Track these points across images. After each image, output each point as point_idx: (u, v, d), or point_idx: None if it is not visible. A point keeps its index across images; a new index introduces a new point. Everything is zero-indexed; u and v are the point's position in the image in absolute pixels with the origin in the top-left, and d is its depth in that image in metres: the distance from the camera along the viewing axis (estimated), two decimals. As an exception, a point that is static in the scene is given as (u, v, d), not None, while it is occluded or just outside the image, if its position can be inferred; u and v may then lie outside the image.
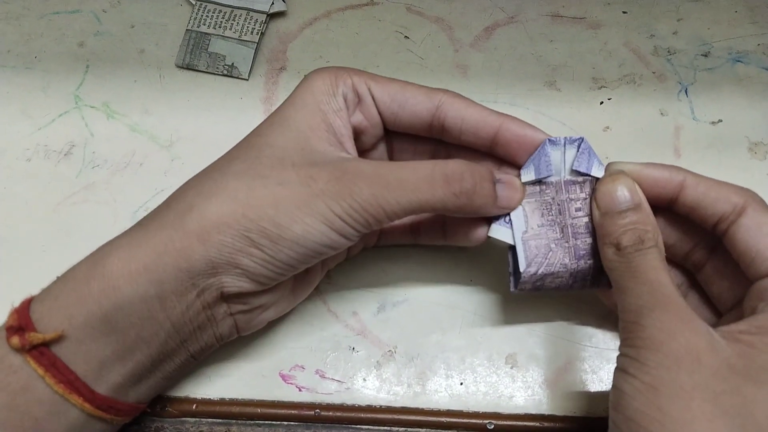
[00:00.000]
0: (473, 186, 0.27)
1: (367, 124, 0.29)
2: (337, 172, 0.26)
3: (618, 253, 0.26)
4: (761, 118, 0.38)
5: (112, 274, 0.25)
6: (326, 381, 0.32)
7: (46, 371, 0.24)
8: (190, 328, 0.27)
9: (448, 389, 0.31)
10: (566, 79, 0.39)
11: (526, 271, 0.29)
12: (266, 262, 0.26)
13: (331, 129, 0.28)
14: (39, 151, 0.38)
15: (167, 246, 0.25)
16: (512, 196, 0.29)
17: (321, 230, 0.26)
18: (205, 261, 0.25)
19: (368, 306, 0.33)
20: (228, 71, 0.39)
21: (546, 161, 0.28)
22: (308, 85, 0.28)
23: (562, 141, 0.28)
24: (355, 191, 0.25)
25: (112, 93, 0.39)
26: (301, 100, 0.28)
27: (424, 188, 0.26)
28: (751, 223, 0.26)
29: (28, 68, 0.40)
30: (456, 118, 0.29)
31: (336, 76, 0.28)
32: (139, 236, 0.26)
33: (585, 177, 0.29)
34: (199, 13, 0.40)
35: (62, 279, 0.27)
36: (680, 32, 0.41)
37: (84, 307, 0.25)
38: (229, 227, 0.25)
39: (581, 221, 0.28)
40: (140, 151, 0.37)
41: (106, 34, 0.41)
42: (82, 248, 0.34)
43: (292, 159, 0.26)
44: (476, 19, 0.41)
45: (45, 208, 0.36)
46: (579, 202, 0.28)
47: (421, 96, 0.29)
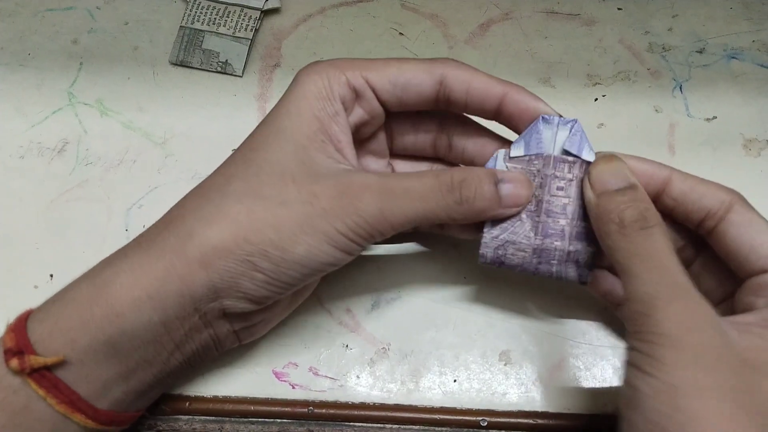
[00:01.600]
0: (473, 192, 0.26)
1: (367, 117, 0.28)
2: (340, 188, 0.25)
3: (622, 231, 0.25)
4: (756, 115, 0.38)
5: (116, 301, 0.25)
6: (319, 378, 0.32)
7: (48, 392, 0.24)
8: (194, 346, 0.27)
9: (442, 386, 0.31)
10: (561, 76, 0.39)
11: (489, 231, 0.28)
12: (268, 284, 0.26)
13: (329, 137, 0.27)
14: (32, 148, 0.37)
15: (170, 272, 0.25)
16: (518, 194, 0.27)
17: (324, 250, 0.25)
18: (208, 287, 0.25)
19: (362, 303, 0.33)
20: (222, 68, 0.39)
21: (537, 138, 0.28)
22: (301, 89, 0.27)
23: (555, 120, 0.28)
24: (360, 207, 0.25)
25: (105, 90, 0.39)
26: (295, 108, 0.27)
27: (429, 197, 0.26)
28: (740, 220, 0.26)
29: (22, 65, 0.40)
30: (461, 91, 0.27)
31: (329, 76, 0.27)
32: (141, 261, 0.25)
33: (575, 158, 0.28)
34: (193, 9, 0.40)
35: (62, 301, 0.26)
36: (675, 29, 0.40)
37: (87, 332, 0.25)
38: (230, 253, 0.25)
39: (559, 201, 0.28)
40: (134, 148, 0.37)
41: (100, 31, 0.41)
42: (75, 245, 0.35)
43: (292, 174, 0.26)
44: (471, 15, 0.41)
45: (38, 205, 0.36)
46: (563, 182, 0.28)
47: (422, 74, 0.27)
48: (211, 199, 0.26)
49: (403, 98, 0.28)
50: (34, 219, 0.35)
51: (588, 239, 0.28)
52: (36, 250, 0.35)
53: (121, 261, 0.26)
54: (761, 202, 0.35)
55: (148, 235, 0.27)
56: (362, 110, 0.28)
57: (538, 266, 0.29)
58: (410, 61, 0.28)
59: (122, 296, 0.25)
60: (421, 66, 0.28)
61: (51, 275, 0.34)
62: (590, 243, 0.28)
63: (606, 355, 0.32)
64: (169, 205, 0.35)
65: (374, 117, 0.29)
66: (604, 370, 0.32)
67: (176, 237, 0.25)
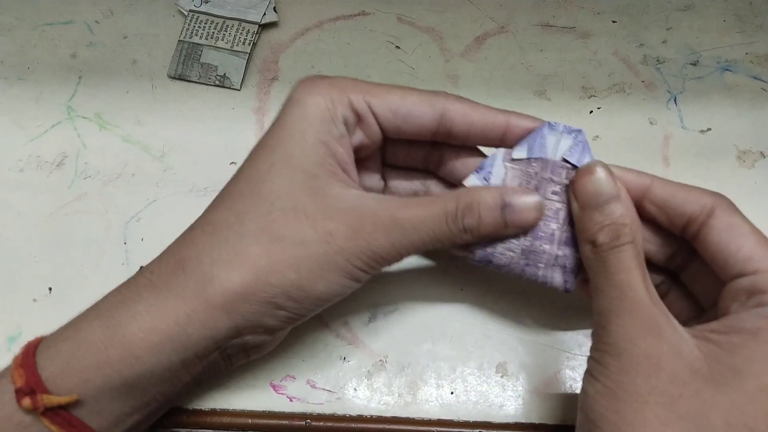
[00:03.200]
0: (476, 221, 0.26)
1: (368, 142, 0.28)
2: (354, 224, 0.25)
3: (594, 251, 0.26)
4: (750, 127, 0.38)
5: (134, 345, 0.24)
6: (317, 391, 0.32)
7: (61, 428, 0.24)
8: (209, 374, 0.28)
9: (439, 399, 0.32)
10: (556, 89, 0.39)
11: None
12: (289, 318, 0.26)
13: (336, 161, 0.27)
14: (32, 161, 0.38)
15: (191, 318, 0.25)
16: (525, 219, 0.27)
17: (342, 283, 0.26)
18: (231, 329, 0.25)
19: (360, 315, 0.33)
20: (220, 82, 0.40)
21: (541, 143, 0.28)
22: (303, 111, 0.26)
23: (560, 128, 0.28)
24: (374, 245, 0.26)
25: (104, 104, 0.39)
26: (299, 133, 0.26)
27: (436, 229, 0.26)
28: (720, 225, 0.26)
29: (21, 79, 0.40)
30: (463, 124, 0.28)
31: (332, 99, 0.26)
32: (158, 304, 0.25)
33: (574, 166, 0.28)
34: (191, 24, 0.41)
35: (73, 341, 0.25)
36: (669, 41, 0.41)
37: (101, 372, 0.25)
38: (254, 296, 0.25)
39: (553, 205, 0.28)
40: (132, 161, 0.38)
41: (99, 44, 0.41)
42: (74, 259, 0.35)
43: (306, 209, 0.25)
44: (467, 29, 0.41)
45: (37, 218, 0.36)
46: (559, 187, 0.28)
47: (423, 106, 0.27)
48: (227, 239, 0.25)
49: (402, 127, 0.28)
50: (33, 232, 0.36)
51: (576, 246, 0.28)
52: (35, 263, 0.35)
53: (136, 303, 0.25)
54: (756, 213, 0.36)
55: (160, 274, 0.26)
56: (362, 133, 0.28)
57: (525, 268, 0.29)
58: (412, 92, 0.28)
59: (141, 340, 0.24)
60: (423, 98, 0.28)
61: (50, 288, 0.34)
62: (578, 250, 0.28)
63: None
64: (167, 219, 0.36)
65: (374, 141, 0.29)
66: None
67: (195, 281, 0.25)
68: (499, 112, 0.28)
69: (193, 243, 0.26)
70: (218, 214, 0.26)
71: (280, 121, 0.27)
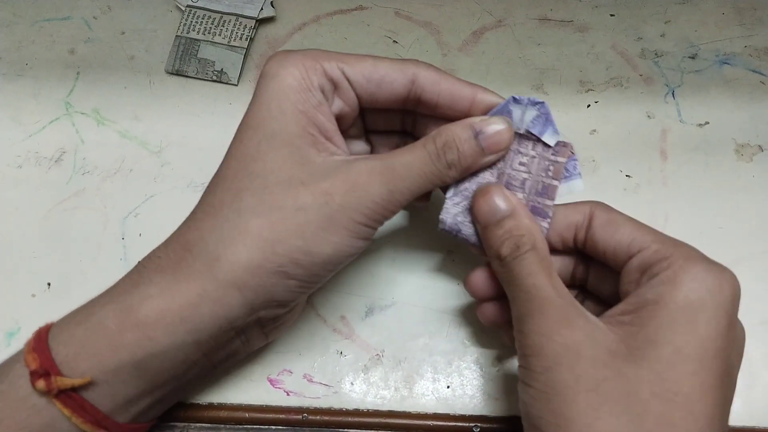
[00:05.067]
0: (456, 154, 0.27)
1: (347, 109, 0.29)
2: (350, 180, 0.26)
3: (501, 264, 0.27)
4: (748, 120, 0.38)
5: (147, 327, 0.25)
6: (314, 385, 0.32)
7: (74, 412, 0.24)
8: (224, 354, 0.28)
9: (435, 392, 0.32)
10: (554, 83, 0.39)
11: (451, 198, 0.29)
12: (300, 288, 0.26)
13: (318, 129, 0.27)
14: (30, 157, 0.38)
15: (202, 297, 0.25)
16: (499, 140, 0.28)
17: (348, 243, 0.26)
18: (244, 306, 0.25)
19: (356, 310, 0.34)
20: (217, 77, 0.40)
21: (507, 116, 0.28)
22: (279, 85, 0.26)
23: (525, 101, 0.28)
24: (373, 194, 0.26)
25: (102, 99, 0.39)
26: (277, 107, 0.26)
27: (425, 169, 0.27)
28: (601, 221, 0.27)
29: (20, 75, 0.40)
30: (432, 93, 0.28)
31: (306, 68, 0.26)
32: (170, 286, 0.25)
33: (538, 138, 0.28)
34: (188, 19, 0.41)
35: (87, 325, 0.25)
36: (668, 34, 0.41)
37: (115, 355, 0.25)
38: (262, 269, 0.25)
39: (519, 175, 0.28)
40: (130, 157, 0.38)
41: (97, 40, 0.41)
42: (72, 254, 0.35)
43: (300, 178, 0.26)
44: (464, 23, 0.41)
45: (36, 214, 0.36)
46: (526, 158, 0.28)
47: (395, 73, 0.28)
48: (227, 218, 0.26)
49: (376, 94, 0.28)
50: (32, 228, 0.36)
51: (542, 214, 0.28)
52: (33, 258, 0.35)
53: (147, 287, 0.25)
54: (753, 206, 0.36)
55: (167, 258, 0.26)
56: (341, 101, 0.28)
57: None
58: (384, 59, 0.28)
59: (154, 321, 0.25)
60: (394, 64, 0.28)
61: (48, 284, 0.34)
62: (544, 218, 0.28)
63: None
64: (165, 214, 0.36)
65: (352, 109, 0.29)
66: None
67: (202, 261, 0.25)
68: (467, 84, 0.28)
69: (195, 226, 0.26)
70: (216, 196, 0.27)
71: (258, 97, 0.27)
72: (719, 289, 0.24)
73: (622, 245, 0.26)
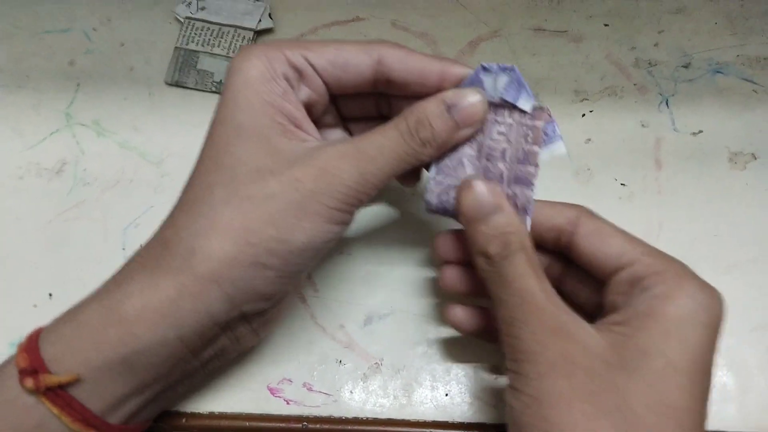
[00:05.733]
0: (430, 132, 0.27)
1: (315, 96, 0.28)
2: (319, 165, 0.26)
3: (488, 263, 0.26)
4: (741, 128, 0.39)
5: (130, 323, 0.25)
6: (314, 394, 0.32)
7: (62, 411, 0.25)
8: (212, 352, 0.28)
9: (434, 401, 0.32)
10: (548, 92, 0.40)
11: (434, 177, 0.29)
12: (280, 278, 0.26)
13: (286, 118, 0.27)
14: (31, 169, 0.38)
15: (181, 292, 0.25)
16: (473, 112, 0.27)
17: (323, 229, 0.26)
18: (223, 299, 0.25)
19: (355, 319, 0.34)
20: (216, 88, 0.40)
21: (479, 86, 0.28)
22: (242, 77, 0.26)
23: (494, 68, 0.28)
24: (344, 177, 0.26)
25: (102, 111, 0.40)
26: (243, 98, 0.26)
27: (398, 149, 0.26)
28: (588, 230, 0.27)
29: (20, 87, 0.41)
30: (401, 71, 0.28)
31: (268, 57, 0.27)
32: (150, 282, 0.25)
33: (513, 105, 0.28)
34: (187, 30, 0.41)
35: (73, 323, 0.26)
36: (661, 44, 0.41)
37: (101, 352, 0.25)
38: (237, 260, 0.25)
39: (499, 145, 0.28)
40: (130, 168, 0.38)
41: (97, 52, 0.42)
42: (73, 265, 0.35)
43: (269, 167, 0.26)
44: (460, 33, 0.42)
45: (37, 225, 0.37)
46: (503, 127, 0.28)
47: (360, 54, 0.28)
48: (200, 212, 0.26)
49: (343, 78, 0.28)
50: (33, 239, 0.36)
51: (525, 182, 0.28)
52: (35, 269, 0.35)
53: (128, 284, 0.26)
54: (747, 215, 0.36)
55: (147, 256, 0.27)
56: (308, 88, 0.28)
57: None
58: (349, 42, 0.28)
59: (135, 317, 0.25)
60: (359, 46, 0.28)
61: (50, 294, 0.35)
62: (528, 186, 0.28)
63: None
64: (165, 224, 0.36)
65: (320, 95, 0.29)
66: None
67: (179, 257, 0.25)
68: (435, 59, 0.28)
69: (172, 223, 0.27)
70: (190, 192, 0.27)
71: (225, 93, 0.27)
72: (711, 306, 0.24)
73: (611, 257, 0.26)
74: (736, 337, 0.33)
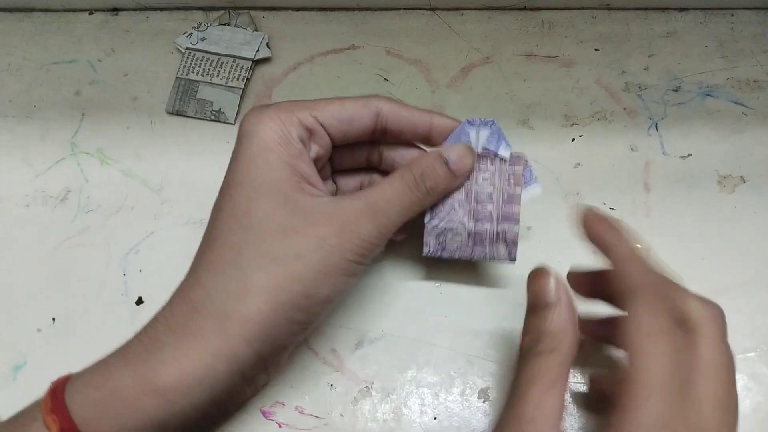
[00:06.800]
0: (434, 181, 0.30)
1: (322, 152, 0.31)
2: (339, 222, 0.27)
3: (522, 355, 0.26)
4: (731, 151, 0.39)
5: (167, 391, 0.25)
6: (305, 417, 0.33)
7: None
8: (236, 404, 0.29)
9: (423, 425, 0.33)
10: (539, 117, 0.40)
11: (430, 222, 0.32)
12: (302, 330, 0.28)
13: (302, 177, 0.29)
14: (37, 197, 0.40)
15: (217, 356, 0.26)
16: (464, 164, 0.31)
17: (343, 281, 0.28)
18: (253, 356, 0.26)
19: (347, 342, 0.35)
20: (215, 116, 0.41)
21: (465, 138, 0.32)
22: (261, 141, 0.28)
23: (477, 122, 0.32)
24: (362, 233, 0.28)
25: (106, 139, 0.41)
26: (264, 161, 0.28)
27: (405, 200, 0.29)
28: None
29: (28, 117, 0.42)
30: (396, 121, 0.31)
31: (283, 122, 0.29)
32: (183, 348, 0.26)
33: (495, 153, 0.32)
34: (188, 61, 0.42)
35: (104, 390, 0.26)
36: (651, 68, 0.42)
37: (137, 419, 0.25)
38: (269, 320, 0.26)
39: (485, 190, 0.32)
40: (132, 195, 0.39)
41: (101, 82, 0.43)
42: (76, 290, 0.37)
43: (293, 225, 0.27)
44: (453, 60, 0.43)
45: (42, 251, 0.38)
46: (487, 174, 0.32)
47: (362, 109, 0.31)
48: (230, 274, 0.27)
49: (348, 132, 0.31)
50: (38, 265, 0.37)
51: (512, 220, 0.32)
52: (39, 294, 0.37)
53: (160, 350, 0.26)
54: (736, 238, 0.37)
55: (175, 319, 0.27)
56: (317, 146, 0.30)
57: (473, 248, 0.32)
58: (348, 99, 0.31)
59: (172, 385, 0.25)
60: (359, 102, 0.31)
61: (53, 319, 0.36)
62: (515, 223, 0.32)
63: (583, 393, 0.33)
64: (164, 250, 0.37)
65: (326, 150, 0.31)
66: (583, 408, 0.32)
67: (212, 321, 0.26)
68: (424, 111, 0.32)
69: (199, 284, 0.27)
70: (215, 252, 0.28)
71: (241, 153, 0.29)
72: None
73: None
74: (723, 361, 0.33)
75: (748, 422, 0.32)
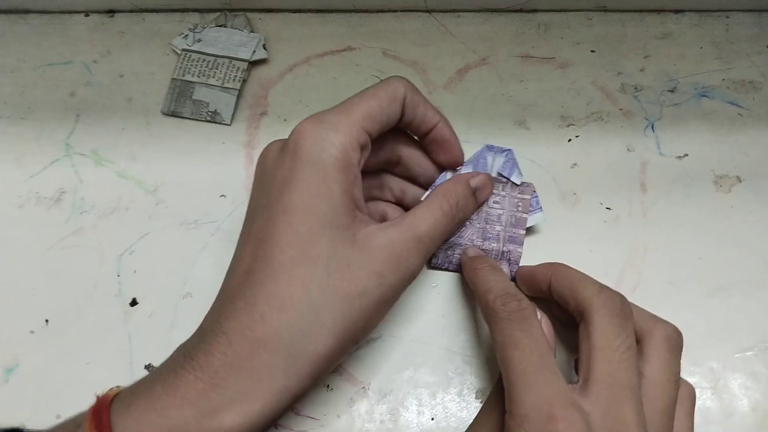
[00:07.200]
0: (465, 211, 0.33)
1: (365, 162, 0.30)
2: (395, 258, 0.28)
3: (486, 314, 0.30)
4: (726, 152, 0.39)
5: (229, 429, 0.25)
6: (301, 418, 0.33)
7: None
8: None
9: (420, 425, 0.32)
10: (536, 118, 0.40)
11: None
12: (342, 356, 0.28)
13: (356, 204, 0.28)
14: (31, 198, 0.39)
15: (284, 394, 0.25)
16: (486, 194, 0.34)
17: (387, 311, 0.29)
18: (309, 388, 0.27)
19: (343, 343, 0.34)
20: (211, 117, 0.41)
21: (483, 163, 0.35)
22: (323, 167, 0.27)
23: (495, 149, 0.35)
24: (412, 268, 0.29)
25: (100, 140, 0.41)
26: (326, 189, 0.27)
27: (442, 229, 0.30)
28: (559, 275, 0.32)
29: (23, 118, 0.42)
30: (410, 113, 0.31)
31: (344, 145, 0.27)
32: (249, 387, 0.25)
33: (507, 179, 0.35)
34: (184, 62, 0.42)
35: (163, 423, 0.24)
36: (647, 69, 0.42)
37: None
38: (334, 358, 0.27)
39: (495, 211, 0.35)
40: (126, 196, 0.39)
41: (96, 83, 0.43)
42: (69, 292, 0.36)
43: (355, 259, 0.27)
44: (449, 61, 0.43)
45: (36, 252, 0.38)
46: (498, 197, 0.35)
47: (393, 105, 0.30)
48: (301, 312, 0.26)
49: (383, 129, 0.30)
50: (32, 266, 0.37)
51: (517, 242, 0.35)
52: (32, 296, 0.36)
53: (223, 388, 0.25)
54: (732, 238, 0.37)
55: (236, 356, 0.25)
56: (364, 159, 0.29)
57: None
58: (379, 95, 0.29)
59: (239, 426, 0.25)
60: (388, 96, 0.30)
61: (46, 320, 0.36)
62: (519, 245, 0.35)
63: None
64: (159, 251, 0.37)
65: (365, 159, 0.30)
66: (579, 407, 0.32)
67: (282, 360, 0.26)
68: (436, 111, 0.32)
69: (264, 321, 0.26)
70: (279, 287, 0.26)
71: (304, 181, 0.27)
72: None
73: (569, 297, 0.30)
74: (720, 360, 0.33)
75: (748, 421, 0.32)
